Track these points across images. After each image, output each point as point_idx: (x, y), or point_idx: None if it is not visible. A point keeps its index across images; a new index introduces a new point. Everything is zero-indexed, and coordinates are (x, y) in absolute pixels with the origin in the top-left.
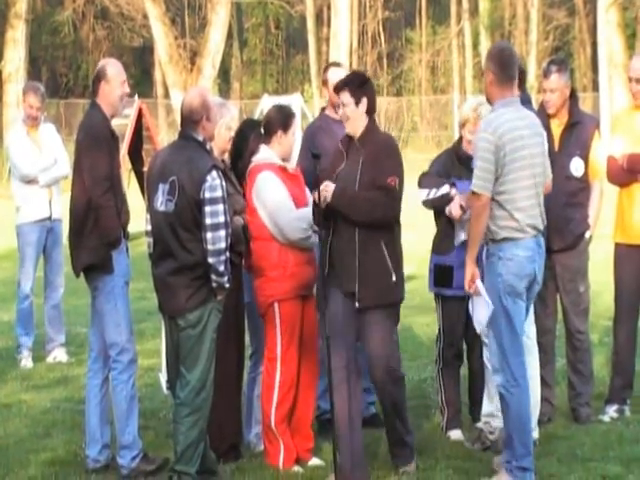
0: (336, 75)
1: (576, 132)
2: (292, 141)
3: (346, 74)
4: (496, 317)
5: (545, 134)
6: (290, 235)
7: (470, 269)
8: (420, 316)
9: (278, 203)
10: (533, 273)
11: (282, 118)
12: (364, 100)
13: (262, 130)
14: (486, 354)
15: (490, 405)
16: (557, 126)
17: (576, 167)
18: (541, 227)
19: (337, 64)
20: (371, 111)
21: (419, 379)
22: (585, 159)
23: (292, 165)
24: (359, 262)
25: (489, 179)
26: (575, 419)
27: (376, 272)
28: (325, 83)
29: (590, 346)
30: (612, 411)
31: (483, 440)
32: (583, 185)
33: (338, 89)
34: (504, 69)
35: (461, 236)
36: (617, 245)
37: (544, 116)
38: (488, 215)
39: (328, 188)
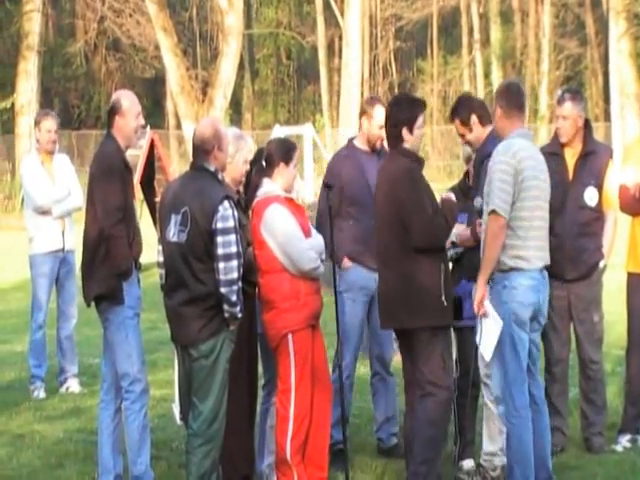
0: (381, 115)
1: (590, 162)
2: (294, 173)
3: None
4: (502, 345)
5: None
6: (302, 265)
7: (481, 290)
8: None
9: (289, 234)
10: (537, 302)
11: (283, 151)
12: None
13: (264, 163)
14: (486, 394)
15: (492, 444)
16: (571, 156)
17: (590, 197)
18: (548, 261)
19: (382, 103)
20: None
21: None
22: (599, 189)
23: (295, 196)
24: None
25: (508, 201)
26: (588, 449)
27: None
28: (368, 116)
29: (603, 376)
30: (625, 441)
31: (484, 475)
32: (597, 215)
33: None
34: (510, 101)
35: None
36: (630, 274)
37: (558, 145)
38: (503, 239)
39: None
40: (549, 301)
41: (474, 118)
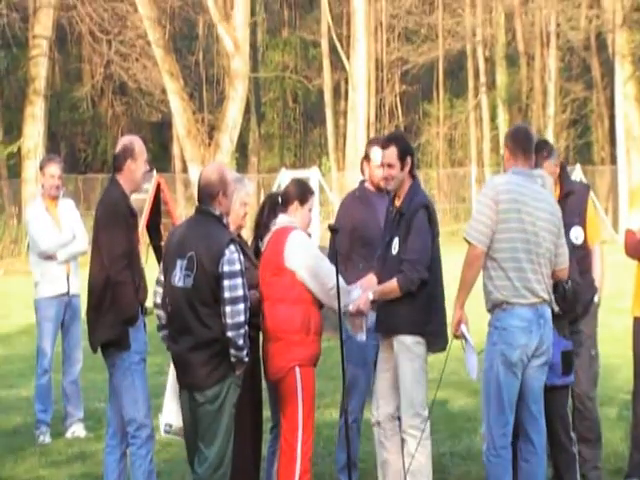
0: (378, 156)
1: (570, 202)
2: (308, 216)
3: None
4: (486, 384)
5: (560, 217)
6: (330, 281)
7: (458, 314)
8: (439, 391)
9: (316, 255)
10: (529, 344)
11: (300, 191)
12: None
13: (280, 200)
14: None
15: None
16: None
17: (576, 236)
18: (543, 295)
19: (379, 143)
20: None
21: (438, 453)
22: (583, 226)
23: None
24: None
25: (484, 232)
26: None
27: None
28: (367, 158)
29: (598, 415)
30: None
31: None
32: (584, 252)
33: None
34: (516, 143)
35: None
36: (636, 319)
37: None
38: (479, 268)
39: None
40: None
41: (409, 159)
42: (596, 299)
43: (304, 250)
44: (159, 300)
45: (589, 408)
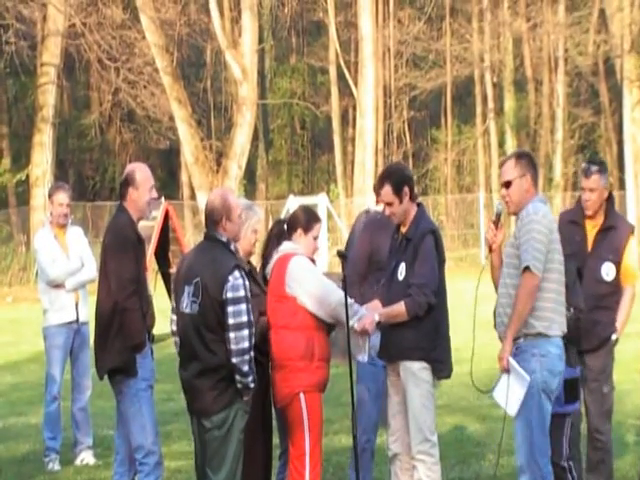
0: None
1: (610, 236)
2: (313, 244)
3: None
4: (528, 414)
5: None
6: (332, 299)
7: (509, 347)
8: (448, 416)
9: (317, 278)
10: (562, 371)
11: (305, 219)
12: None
13: (285, 227)
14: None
15: None
16: (592, 227)
17: (607, 272)
18: (566, 329)
19: None
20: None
21: (447, 479)
22: (617, 264)
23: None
24: None
25: (543, 262)
26: None
27: None
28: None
29: (611, 446)
30: None
31: None
32: (613, 289)
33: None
34: (536, 170)
35: (363, 356)
36: None
37: (580, 215)
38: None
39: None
40: None
41: (406, 189)
42: (614, 337)
43: (304, 274)
44: (175, 328)
45: (602, 440)
